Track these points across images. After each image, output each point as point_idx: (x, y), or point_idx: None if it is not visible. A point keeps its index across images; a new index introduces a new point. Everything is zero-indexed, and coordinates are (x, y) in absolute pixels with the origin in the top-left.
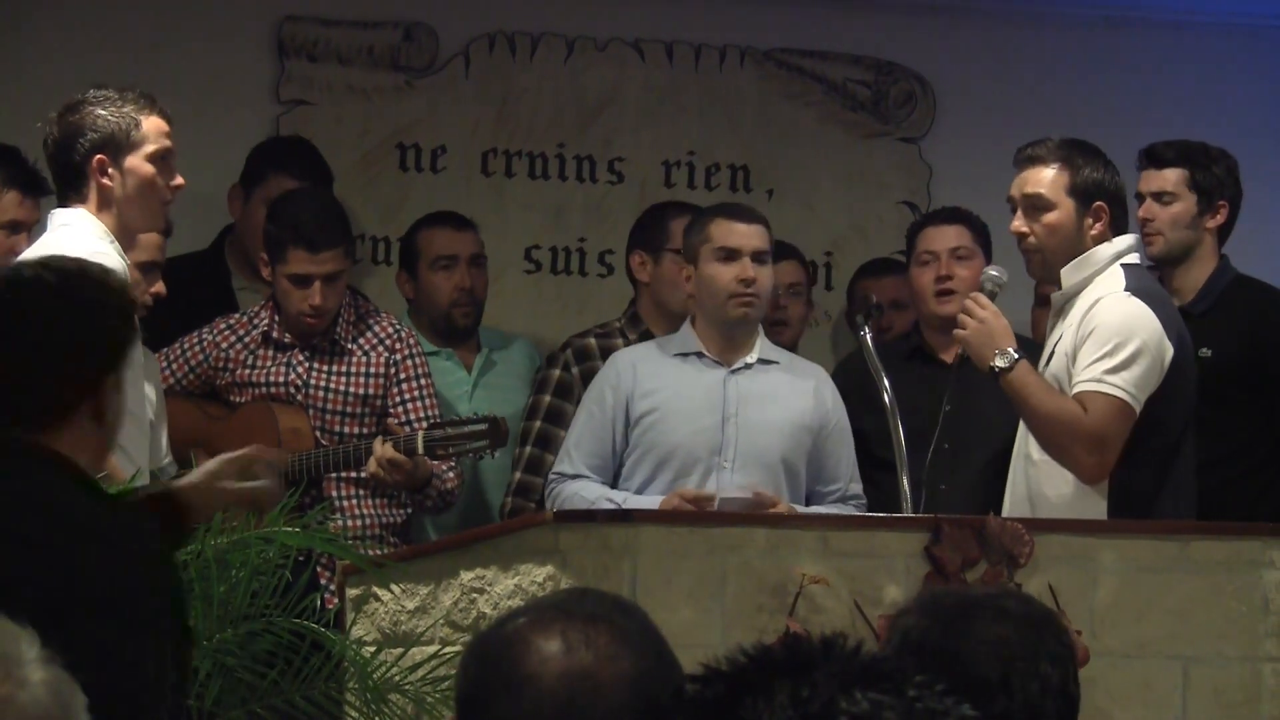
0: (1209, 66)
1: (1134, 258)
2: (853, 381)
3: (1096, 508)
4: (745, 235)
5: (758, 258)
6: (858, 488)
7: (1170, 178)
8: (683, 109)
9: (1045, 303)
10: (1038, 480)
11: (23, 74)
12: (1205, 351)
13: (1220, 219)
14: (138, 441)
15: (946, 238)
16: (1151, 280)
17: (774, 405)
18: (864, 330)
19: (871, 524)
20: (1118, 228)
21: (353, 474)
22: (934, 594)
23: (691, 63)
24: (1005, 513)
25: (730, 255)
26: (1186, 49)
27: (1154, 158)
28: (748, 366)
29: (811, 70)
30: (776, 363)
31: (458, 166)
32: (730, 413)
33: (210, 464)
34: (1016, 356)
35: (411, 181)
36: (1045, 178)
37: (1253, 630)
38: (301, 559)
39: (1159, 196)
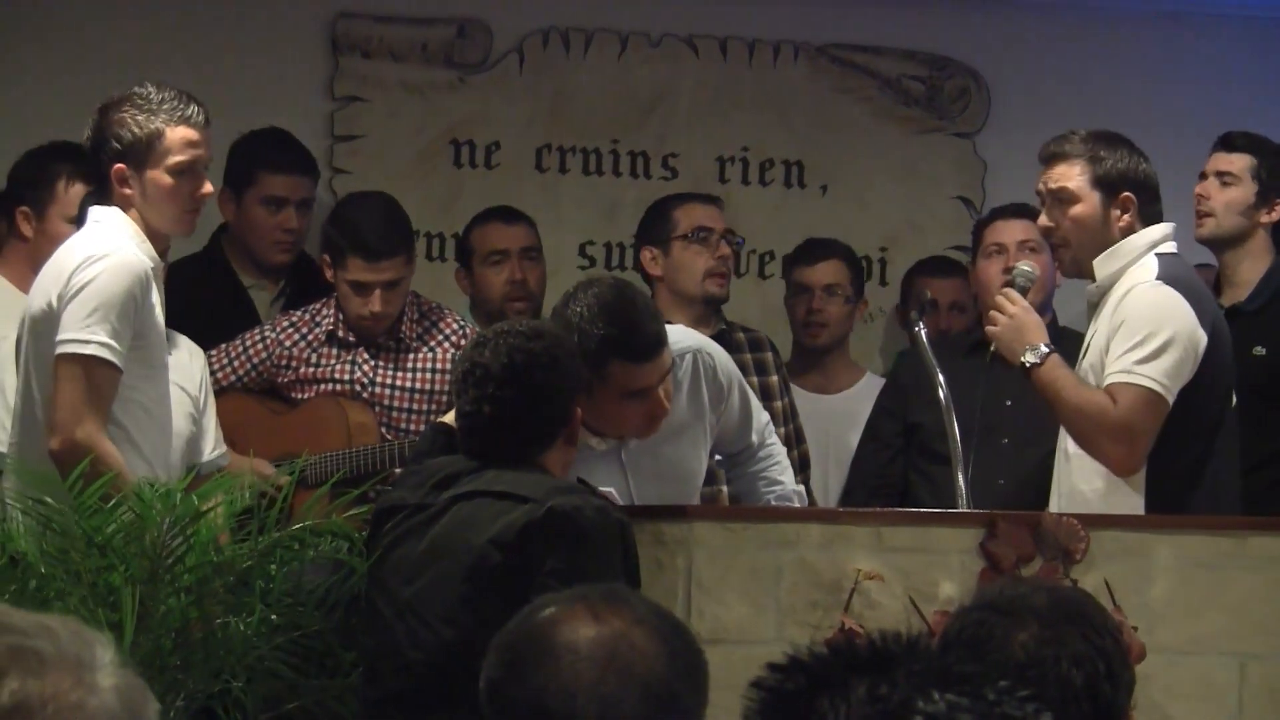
0: (1269, 60)
1: (1170, 246)
2: (912, 375)
3: (1129, 501)
4: None
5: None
6: (764, 436)
7: (1237, 162)
8: (736, 105)
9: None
10: (1070, 475)
11: (77, 66)
12: (1260, 350)
13: (1275, 215)
14: (155, 440)
15: (1014, 231)
16: (1187, 269)
17: (668, 465)
18: (918, 326)
19: (926, 520)
20: (1148, 217)
21: None
22: (981, 594)
23: (745, 58)
24: (1049, 509)
25: None
26: (1244, 43)
27: (1227, 142)
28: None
29: (865, 66)
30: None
31: (511, 163)
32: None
33: None
34: (1046, 351)
35: (465, 178)
36: (1069, 172)
37: None
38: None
39: (1221, 176)
